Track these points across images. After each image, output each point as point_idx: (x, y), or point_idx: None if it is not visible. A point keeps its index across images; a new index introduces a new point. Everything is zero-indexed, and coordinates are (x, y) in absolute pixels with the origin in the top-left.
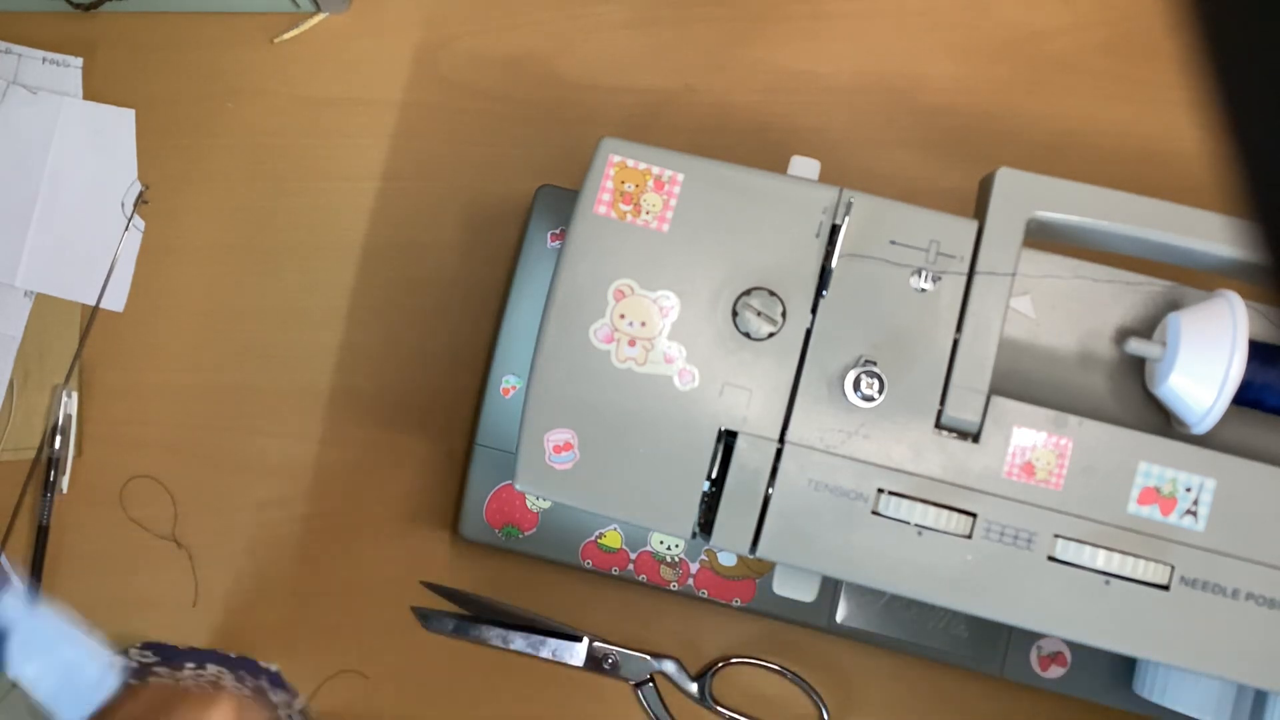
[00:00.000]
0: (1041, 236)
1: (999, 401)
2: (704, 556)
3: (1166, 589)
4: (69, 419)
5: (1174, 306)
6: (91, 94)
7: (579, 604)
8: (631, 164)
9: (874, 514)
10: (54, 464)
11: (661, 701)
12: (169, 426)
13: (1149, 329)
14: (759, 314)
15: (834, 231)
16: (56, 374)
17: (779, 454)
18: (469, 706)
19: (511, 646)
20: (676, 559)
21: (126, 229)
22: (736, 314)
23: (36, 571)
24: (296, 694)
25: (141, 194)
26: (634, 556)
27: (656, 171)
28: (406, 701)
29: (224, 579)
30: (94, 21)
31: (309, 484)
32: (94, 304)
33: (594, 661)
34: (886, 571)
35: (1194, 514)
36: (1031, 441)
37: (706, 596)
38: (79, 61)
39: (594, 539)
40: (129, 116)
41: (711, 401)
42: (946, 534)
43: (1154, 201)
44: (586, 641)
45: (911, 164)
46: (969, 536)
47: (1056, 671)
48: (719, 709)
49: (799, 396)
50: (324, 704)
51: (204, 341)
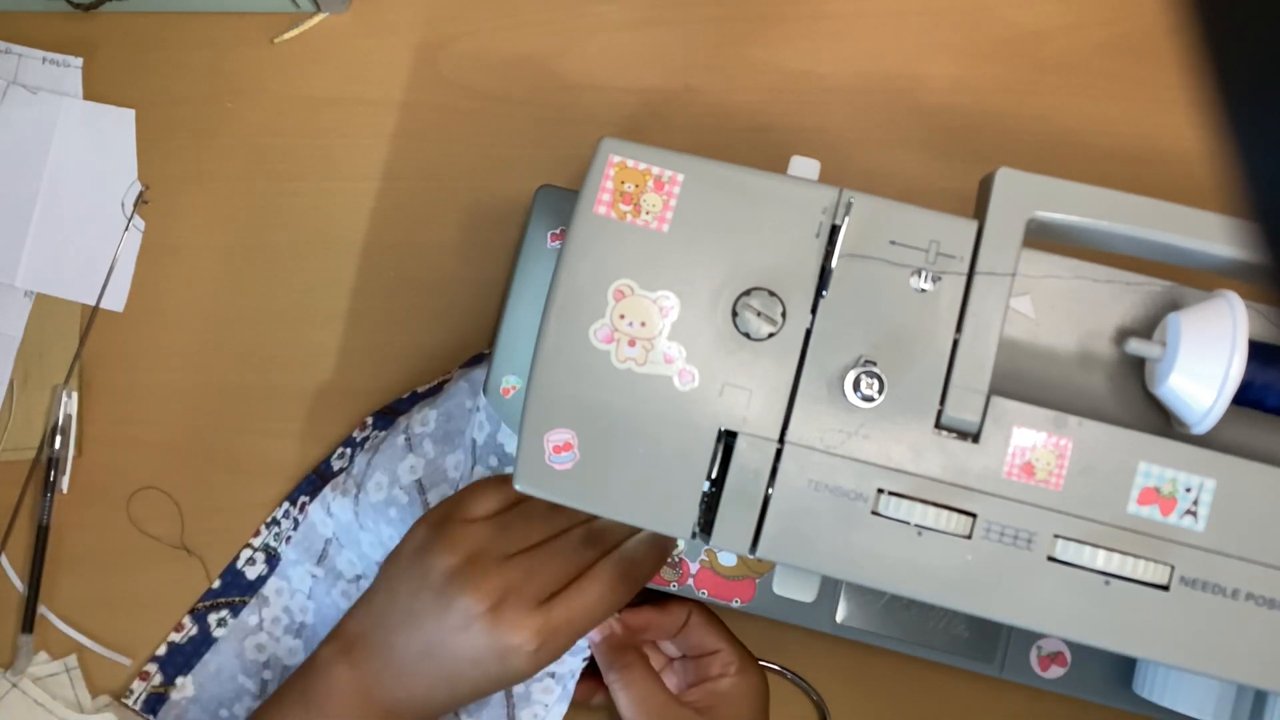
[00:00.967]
0: (1041, 236)
1: (999, 401)
2: (704, 556)
3: (1166, 589)
4: (69, 419)
5: (1174, 306)
6: (91, 94)
7: None
8: (631, 164)
9: (874, 514)
10: (54, 464)
11: None
12: (169, 426)
13: (1149, 329)
14: (759, 314)
15: (834, 231)
16: (56, 374)
17: (779, 454)
18: None
19: None
20: (676, 559)
21: (126, 229)
22: (736, 314)
23: (36, 571)
24: None
25: (141, 194)
26: None
27: (656, 171)
28: None
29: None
30: (94, 21)
31: None
32: (94, 304)
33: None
34: (886, 571)
35: (1194, 514)
36: (1031, 441)
37: (706, 596)
38: (79, 61)
39: None
40: (129, 116)
41: (711, 401)
42: (946, 534)
43: (1154, 201)
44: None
45: (911, 164)
46: (969, 537)
47: (1056, 671)
48: None
49: (799, 396)
50: None
51: (204, 341)
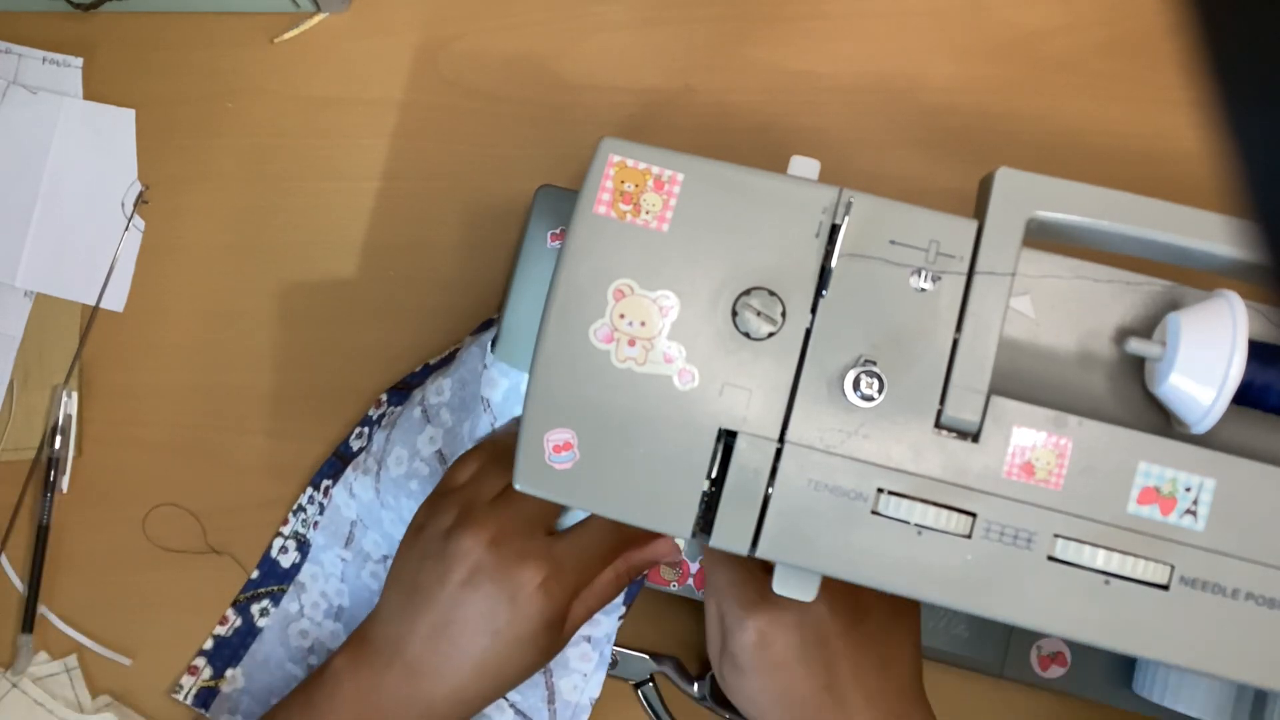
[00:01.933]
0: (1041, 236)
1: (999, 401)
2: (704, 557)
3: (1166, 589)
4: (69, 419)
5: (1174, 306)
6: (91, 94)
7: None
8: (631, 164)
9: (874, 514)
10: (54, 464)
11: (662, 701)
12: (169, 426)
13: (1149, 329)
14: (759, 314)
15: (834, 231)
16: (56, 374)
17: (779, 454)
18: None
19: None
20: (676, 559)
21: (126, 229)
22: (736, 314)
23: (36, 571)
24: None
25: (141, 194)
26: None
27: (656, 171)
28: None
29: (224, 580)
30: (94, 21)
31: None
32: (94, 304)
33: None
34: (886, 571)
35: (1194, 514)
36: (1031, 441)
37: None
38: (79, 61)
39: None
40: (129, 116)
41: (711, 401)
42: (946, 534)
43: (1154, 201)
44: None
45: (911, 164)
46: (969, 536)
47: (1056, 671)
48: (719, 709)
49: (799, 396)
50: None
51: (204, 341)
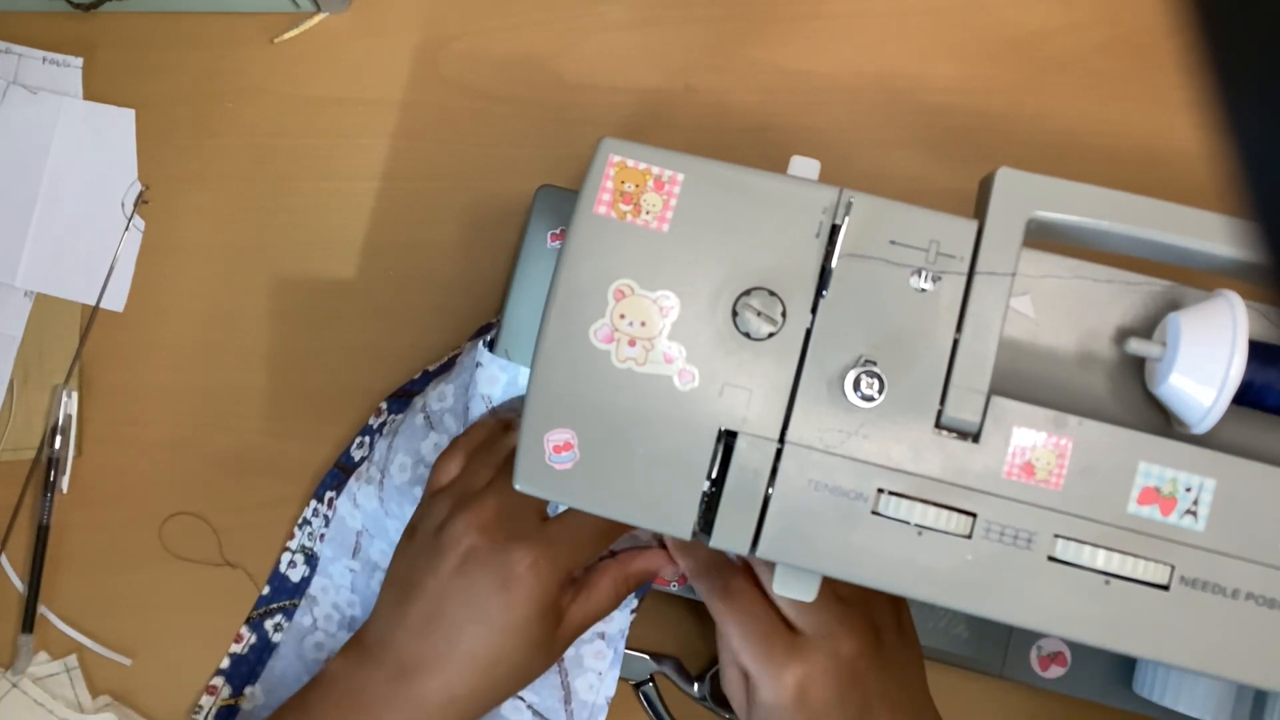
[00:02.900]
0: (1041, 236)
1: (999, 401)
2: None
3: (1166, 589)
4: (69, 419)
5: (1174, 306)
6: (91, 94)
7: None
8: (631, 164)
9: (874, 514)
10: (54, 464)
11: (661, 701)
12: (169, 426)
13: (1149, 329)
14: (759, 314)
15: (834, 231)
16: (56, 374)
17: (779, 454)
18: None
19: None
20: (676, 571)
21: (126, 229)
22: (736, 314)
23: (36, 571)
24: None
25: (141, 194)
26: None
27: (656, 171)
28: None
29: (225, 580)
30: (94, 21)
31: (310, 484)
32: (94, 304)
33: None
34: (886, 571)
35: (1194, 514)
36: (1031, 441)
37: None
38: (79, 61)
39: None
40: (129, 116)
41: (711, 401)
42: (946, 534)
43: (1154, 201)
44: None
45: (911, 164)
46: (969, 536)
47: (1056, 671)
48: (719, 709)
49: (799, 396)
50: None
51: (204, 341)
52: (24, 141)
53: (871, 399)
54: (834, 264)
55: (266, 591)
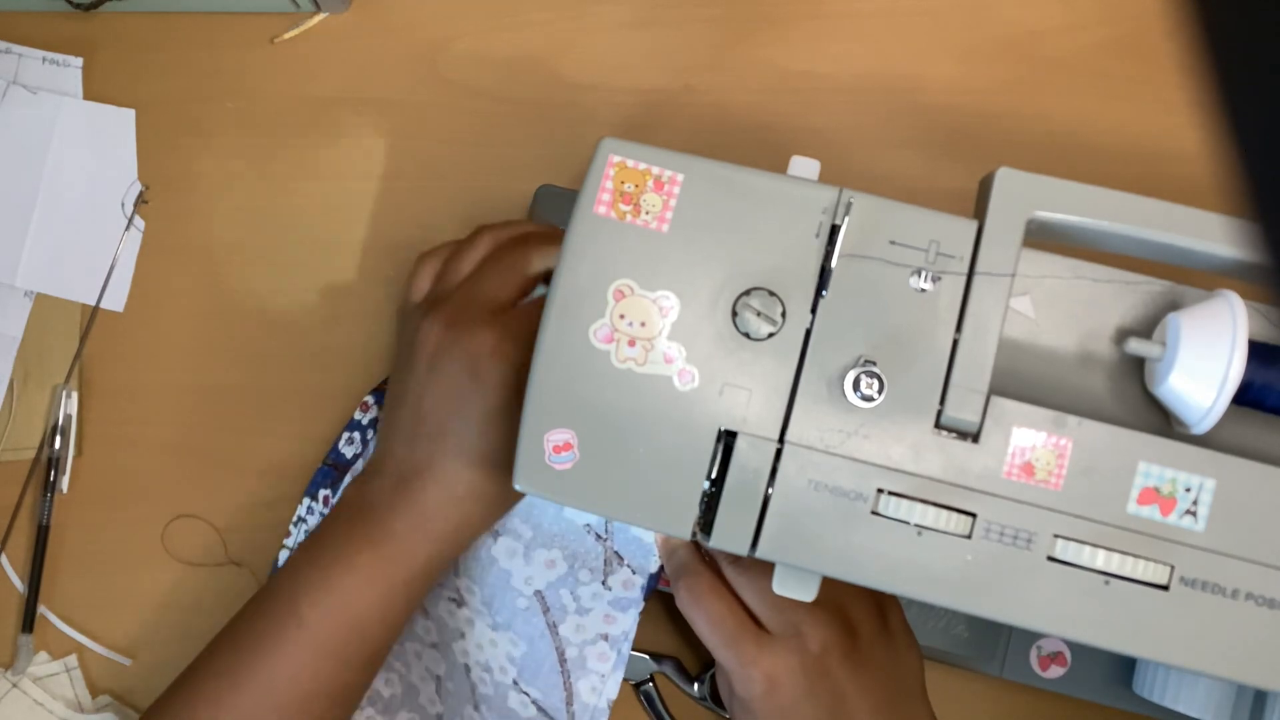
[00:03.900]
0: (1041, 236)
1: (999, 401)
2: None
3: (1166, 589)
4: (69, 419)
5: (1174, 306)
6: (91, 94)
7: None
8: (631, 164)
9: (874, 514)
10: (54, 464)
11: (662, 701)
12: (169, 426)
13: (1149, 329)
14: (759, 314)
15: (834, 231)
16: (56, 374)
17: (779, 454)
18: None
19: None
20: None
21: (126, 229)
22: (736, 314)
23: (36, 571)
24: None
25: (141, 194)
26: None
27: (656, 171)
28: None
29: (225, 580)
30: (94, 21)
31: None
32: (94, 304)
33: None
34: (886, 571)
35: (1194, 514)
36: (1031, 441)
37: None
38: (79, 61)
39: None
40: (129, 116)
41: (711, 401)
42: (946, 534)
43: (1154, 201)
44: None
45: (911, 164)
46: (969, 536)
47: (1056, 671)
48: (719, 709)
49: (799, 396)
50: None
51: (204, 341)
52: (24, 141)
53: (871, 399)
54: (834, 264)
55: None
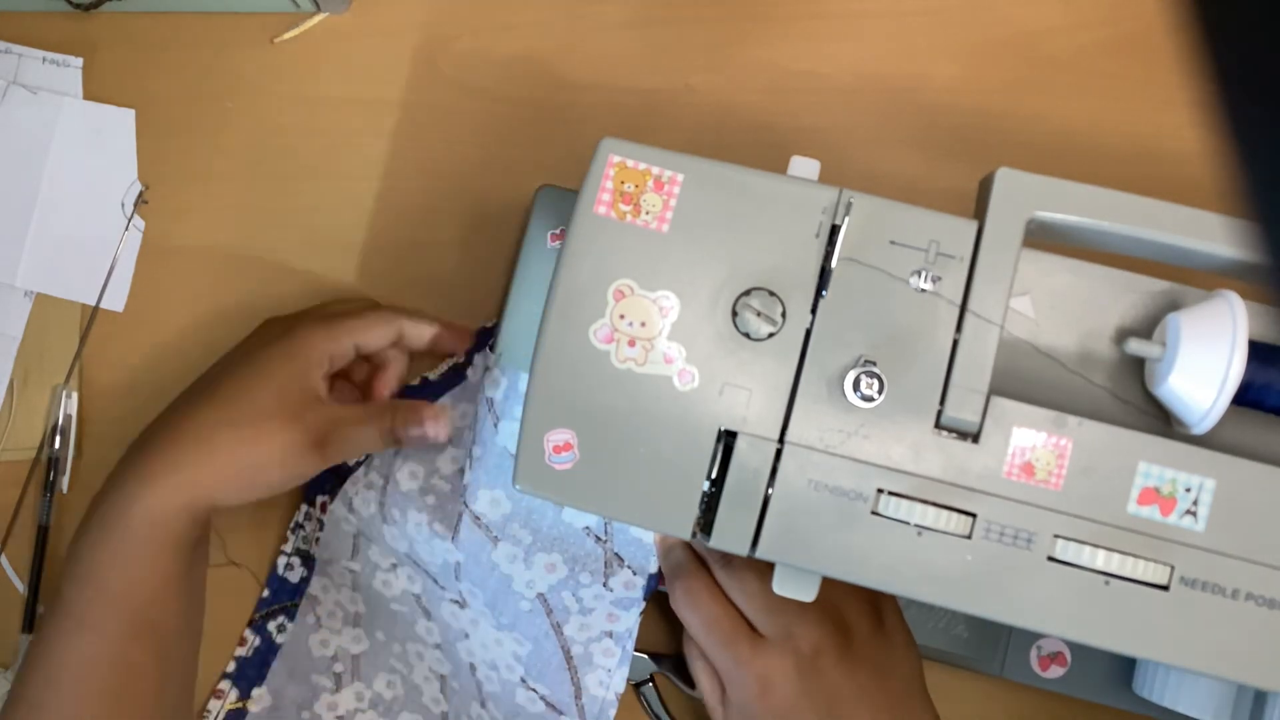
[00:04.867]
0: (1041, 236)
1: (999, 401)
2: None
3: (1166, 589)
4: (69, 419)
5: (1174, 306)
6: (91, 94)
7: None
8: (631, 164)
9: (874, 514)
10: (54, 464)
11: (661, 701)
12: None
13: (1149, 329)
14: (759, 314)
15: (834, 232)
16: (56, 374)
17: (779, 454)
18: None
19: None
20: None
21: (126, 229)
22: (736, 314)
23: (36, 571)
24: None
25: (141, 194)
26: None
27: (656, 171)
28: None
29: (224, 580)
30: (94, 21)
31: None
32: (94, 304)
33: None
34: (886, 571)
35: (1194, 514)
36: (1031, 441)
37: None
38: (79, 61)
39: None
40: (129, 116)
41: (711, 402)
42: (946, 534)
43: (1154, 201)
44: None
45: (911, 164)
46: (969, 537)
47: (1056, 671)
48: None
49: (799, 396)
50: None
51: (204, 341)
52: (24, 141)
53: (871, 399)
54: (834, 264)
55: (266, 594)
